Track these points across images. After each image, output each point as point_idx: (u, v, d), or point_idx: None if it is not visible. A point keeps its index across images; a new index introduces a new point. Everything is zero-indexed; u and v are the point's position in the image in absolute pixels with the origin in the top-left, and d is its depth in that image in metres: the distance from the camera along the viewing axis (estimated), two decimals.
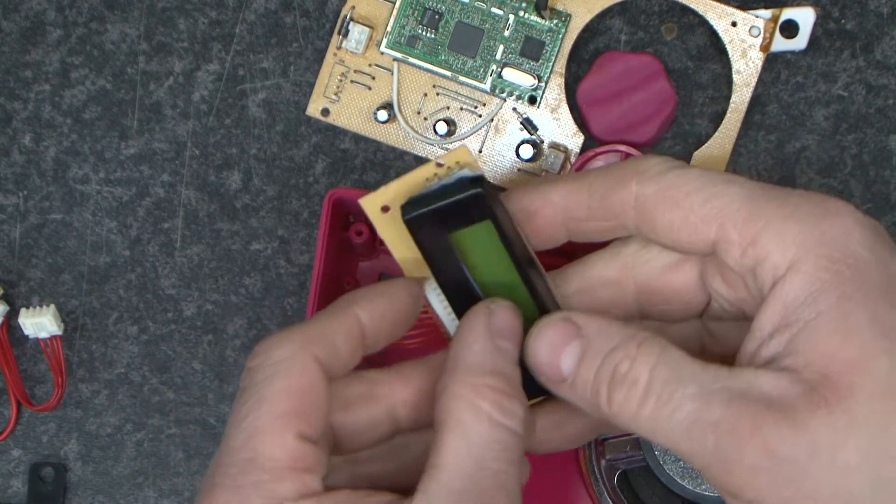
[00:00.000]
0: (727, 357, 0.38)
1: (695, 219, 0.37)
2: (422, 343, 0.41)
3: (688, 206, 0.38)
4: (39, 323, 0.54)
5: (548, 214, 0.40)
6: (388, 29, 0.54)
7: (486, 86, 0.54)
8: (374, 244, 0.54)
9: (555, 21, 0.54)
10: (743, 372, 0.36)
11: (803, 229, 0.36)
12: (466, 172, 0.39)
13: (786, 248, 0.36)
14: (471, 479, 0.36)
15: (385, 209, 0.39)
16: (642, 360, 0.36)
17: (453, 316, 0.40)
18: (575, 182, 0.40)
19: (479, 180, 0.38)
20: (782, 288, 0.36)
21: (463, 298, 0.39)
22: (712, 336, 0.41)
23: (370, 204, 0.39)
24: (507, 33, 0.54)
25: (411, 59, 0.54)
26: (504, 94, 0.54)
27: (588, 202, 0.39)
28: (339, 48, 0.55)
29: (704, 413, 0.35)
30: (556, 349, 0.38)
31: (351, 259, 0.55)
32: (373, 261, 0.55)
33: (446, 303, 0.40)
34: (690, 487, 0.51)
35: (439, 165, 0.39)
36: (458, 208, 0.38)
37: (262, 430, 0.36)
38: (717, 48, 0.54)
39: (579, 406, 0.38)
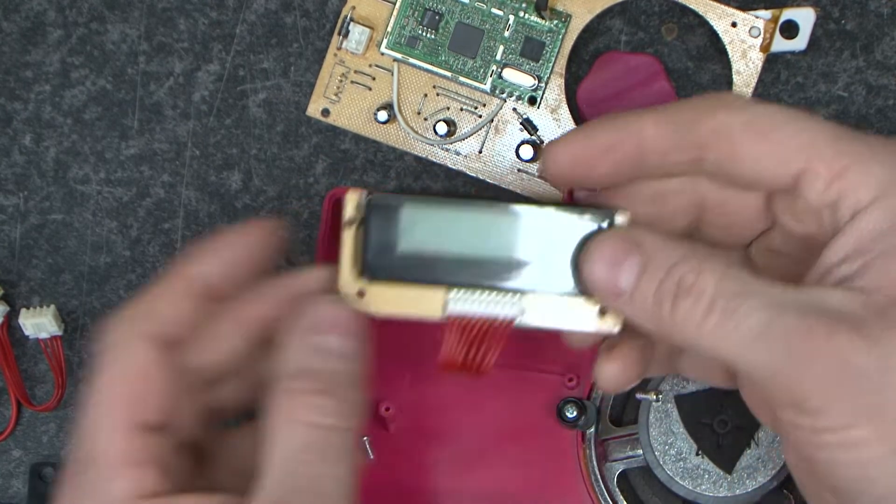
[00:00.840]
0: None
1: (784, 150, 0.38)
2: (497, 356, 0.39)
3: (777, 139, 0.38)
4: (40, 323, 0.54)
5: (629, 147, 0.39)
6: (389, 29, 0.54)
7: (487, 86, 0.54)
8: None
9: (555, 21, 0.54)
10: (812, 289, 0.36)
11: (886, 170, 0.37)
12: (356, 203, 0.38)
13: (870, 185, 0.36)
14: (283, 490, 0.35)
15: (361, 294, 0.38)
16: (708, 273, 0.36)
17: (494, 297, 0.39)
18: (660, 113, 0.39)
19: (366, 198, 0.38)
20: (861, 219, 0.36)
21: (486, 273, 0.39)
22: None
23: (350, 301, 0.38)
24: (507, 34, 0.54)
25: (411, 60, 0.54)
26: (504, 95, 0.54)
27: (673, 134, 0.39)
28: (339, 49, 0.55)
29: (776, 321, 0.35)
30: (614, 264, 0.37)
31: None
32: None
33: (480, 294, 0.39)
34: (690, 487, 0.51)
35: (350, 224, 0.38)
36: (376, 227, 0.38)
37: (96, 424, 0.36)
38: (717, 49, 0.54)
39: (635, 320, 0.38)
